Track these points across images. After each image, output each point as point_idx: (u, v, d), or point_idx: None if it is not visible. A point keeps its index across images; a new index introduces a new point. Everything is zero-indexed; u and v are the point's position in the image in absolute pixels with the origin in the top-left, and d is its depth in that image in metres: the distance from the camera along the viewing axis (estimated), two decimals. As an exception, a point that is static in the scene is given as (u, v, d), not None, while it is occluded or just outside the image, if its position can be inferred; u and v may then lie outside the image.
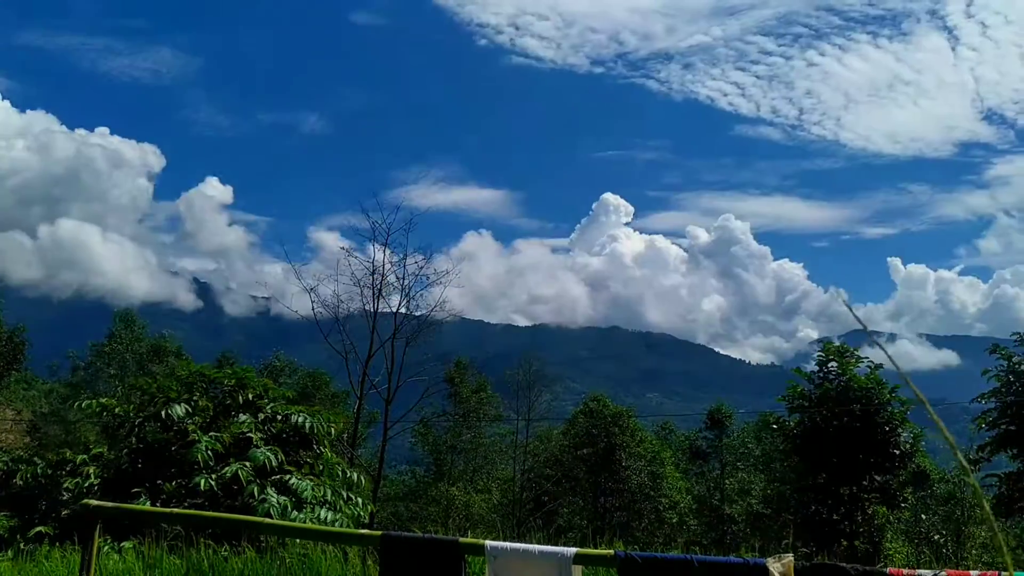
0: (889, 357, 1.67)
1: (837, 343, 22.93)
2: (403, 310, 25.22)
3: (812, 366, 23.14)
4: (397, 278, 25.34)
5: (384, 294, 25.14)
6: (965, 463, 1.62)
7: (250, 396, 11.91)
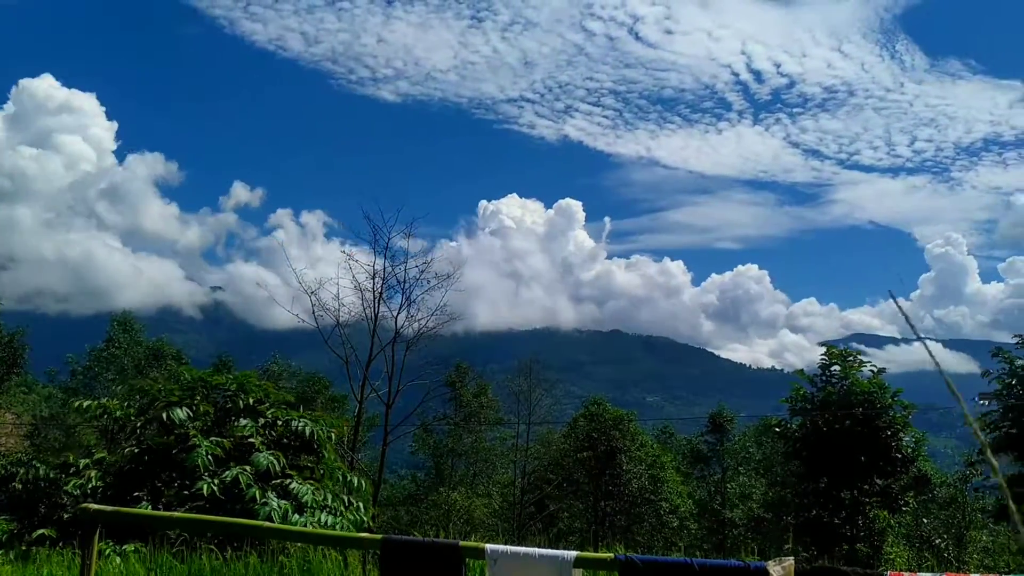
0: (932, 357, 1.57)
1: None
2: (404, 314, 25.22)
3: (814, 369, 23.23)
4: (398, 281, 25.36)
5: (385, 297, 25.14)
6: (992, 460, 1.62)
7: (251, 401, 11.90)
